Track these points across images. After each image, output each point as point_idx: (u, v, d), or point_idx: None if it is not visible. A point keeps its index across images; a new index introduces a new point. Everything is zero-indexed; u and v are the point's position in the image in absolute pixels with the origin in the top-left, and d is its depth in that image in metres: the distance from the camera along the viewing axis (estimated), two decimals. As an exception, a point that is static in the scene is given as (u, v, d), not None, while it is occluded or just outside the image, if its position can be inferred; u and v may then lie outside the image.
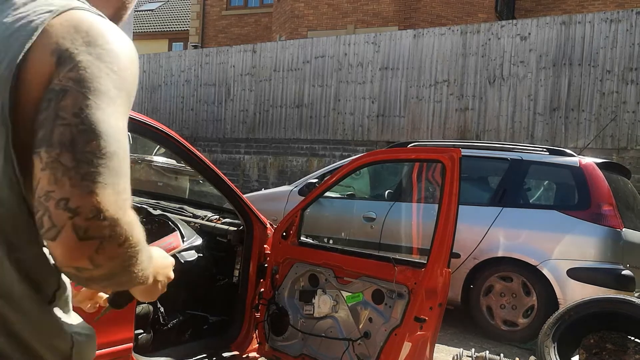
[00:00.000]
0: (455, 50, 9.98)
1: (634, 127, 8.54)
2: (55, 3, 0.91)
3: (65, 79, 0.84)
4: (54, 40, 0.86)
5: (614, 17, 8.85)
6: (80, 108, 0.83)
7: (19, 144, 0.85)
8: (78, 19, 0.89)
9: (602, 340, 3.66)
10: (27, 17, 0.89)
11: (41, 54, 0.86)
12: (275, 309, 3.12)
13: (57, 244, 0.80)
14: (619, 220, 4.66)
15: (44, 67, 0.85)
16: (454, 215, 2.64)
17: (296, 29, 15.60)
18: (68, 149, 0.81)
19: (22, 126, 0.85)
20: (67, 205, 0.79)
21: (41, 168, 0.81)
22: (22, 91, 0.85)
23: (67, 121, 0.82)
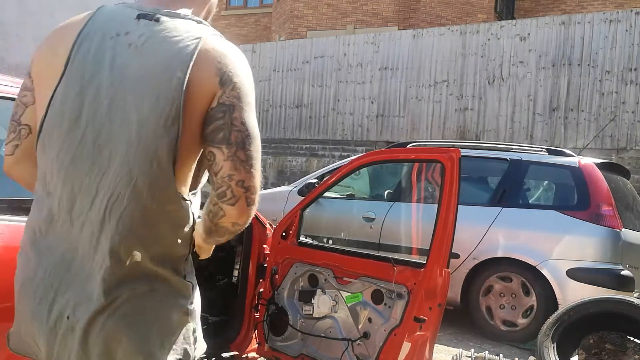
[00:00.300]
0: (455, 51, 9.99)
1: (633, 127, 8.54)
2: (196, 30, 1.26)
3: (231, 96, 1.23)
4: (214, 64, 1.22)
5: (614, 17, 8.85)
6: (244, 119, 1.24)
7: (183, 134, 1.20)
8: (222, 46, 1.26)
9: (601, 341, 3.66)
10: (182, 40, 1.23)
11: (204, 72, 1.21)
12: (274, 309, 3.12)
13: (234, 208, 1.24)
14: (619, 221, 4.66)
15: (209, 83, 1.21)
16: (453, 216, 2.64)
17: (296, 29, 15.61)
18: (241, 148, 1.24)
19: (187, 121, 1.20)
20: (243, 184, 1.24)
21: (224, 159, 1.23)
22: (187, 97, 1.20)
23: (238, 128, 1.23)
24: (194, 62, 1.20)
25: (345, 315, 2.93)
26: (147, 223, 1.23)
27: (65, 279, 1.24)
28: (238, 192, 1.24)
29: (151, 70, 1.22)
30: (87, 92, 1.23)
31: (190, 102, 1.21)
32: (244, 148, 1.24)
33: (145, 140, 1.19)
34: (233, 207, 1.25)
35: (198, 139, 1.24)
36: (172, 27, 1.25)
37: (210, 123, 1.23)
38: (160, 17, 1.27)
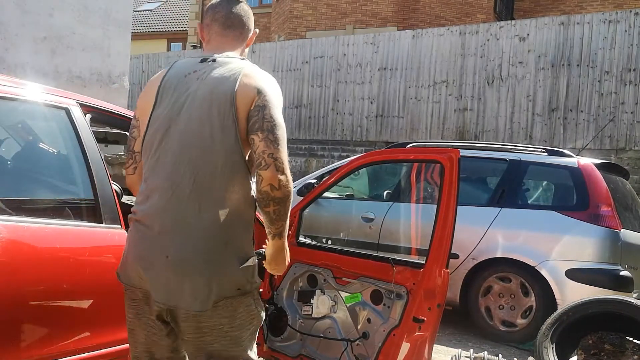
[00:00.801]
0: (454, 51, 9.99)
1: (632, 127, 8.55)
2: (239, 64, 1.88)
3: (263, 100, 1.80)
4: (254, 83, 1.82)
5: (613, 18, 8.86)
6: (272, 114, 1.79)
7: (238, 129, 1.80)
8: (256, 72, 1.87)
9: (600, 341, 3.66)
10: (230, 71, 1.85)
11: (245, 89, 1.81)
12: (273, 309, 3.11)
13: (267, 172, 1.73)
14: (618, 221, 4.66)
15: (249, 95, 1.80)
16: (452, 216, 2.64)
17: (295, 29, 15.60)
18: (271, 132, 1.77)
19: (239, 121, 1.80)
20: (272, 156, 1.74)
21: (259, 140, 1.75)
22: (236, 105, 1.79)
23: (268, 120, 1.78)
24: (238, 83, 1.81)
25: (345, 315, 2.93)
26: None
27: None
28: (269, 161, 1.74)
29: (213, 91, 1.83)
30: (173, 112, 1.85)
31: (239, 108, 1.80)
32: (272, 132, 1.77)
33: (215, 138, 1.79)
34: (266, 171, 1.74)
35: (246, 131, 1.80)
36: (223, 63, 1.89)
37: (251, 119, 1.79)
38: (215, 58, 1.91)
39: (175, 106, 1.84)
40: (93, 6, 7.77)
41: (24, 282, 1.98)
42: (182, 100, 1.85)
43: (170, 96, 1.87)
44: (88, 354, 2.18)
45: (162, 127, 1.84)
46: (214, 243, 1.76)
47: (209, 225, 1.75)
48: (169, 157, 1.81)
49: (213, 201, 1.77)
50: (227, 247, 1.78)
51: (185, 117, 1.82)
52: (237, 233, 1.81)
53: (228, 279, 1.78)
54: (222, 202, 1.77)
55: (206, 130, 1.79)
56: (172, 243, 1.74)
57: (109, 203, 2.35)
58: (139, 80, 13.83)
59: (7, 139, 2.71)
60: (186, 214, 1.75)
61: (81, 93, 2.90)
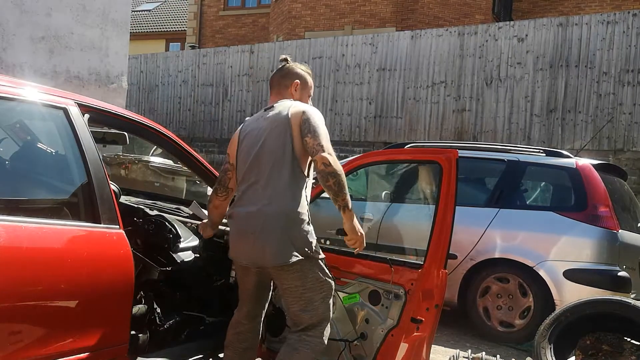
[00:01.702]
0: (453, 52, 10.00)
1: (630, 128, 8.56)
2: (289, 102, 2.77)
3: (307, 115, 2.65)
4: (301, 112, 2.67)
5: (611, 18, 8.87)
6: (314, 124, 2.63)
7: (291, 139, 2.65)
8: (302, 106, 2.74)
9: (598, 342, 3.66)
10: (284, 107, 2.73)
11: (296, 116, 2.65)
12: (271, 309, 3.11)
13: (318, 156, 2.53)
14: (616, 222, 4.66)
15: (298, 114, 2.65)
16: (450, 216, 2.65)
17: (293, 29, 15.60)
18: (315, 132, 2.60)
19: (294, 136, 2.64)
20: (319, 144, 2.56)
21: (309, 139, 2.58)
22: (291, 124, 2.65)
23: (312, 127, 2.61)
24: (290, 111, 2.66)
25: (343, 316, 2.93)
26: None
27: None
28: (318, 148, 2.54)
29: (272, 123, 2.69)
30: (250, 145, 2.73)
31: (293, 126, 2.63)
32: (316, 132, 2.58)
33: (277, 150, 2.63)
34: (317, 155, 2.53)
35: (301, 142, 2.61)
36: (278, 106, 2.75)
37: (302, 130, 2.61)
38: (274, 105, 2.78)
39: (254, 138, 2.71)
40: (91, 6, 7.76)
41: (21, 282, 1.98)
42: (256, 132, 2.72)
43: (249, 134, 2.76)
44: (85, 354, 2.17)
45: (244, 158, 2.72)
46: (280, 222, 2.54)
47: (275, 210, 2.55)
48: (252, 169, 2.67)
49: (277, 194, 2.57)
50: (289, 225, 2.54)
51: (261, 141, 2.66)
52: (296, 215, 2.56)
53: (293, 243, 2.53)
54: (283, 195, 2.57)
55: (275, 148, 2.62)
56: (255, 223, 2.57)
57: (107, 203, 2.35)
58: (138, 80, 13.82)
59: (5, 139, 2.70)
60: (261, 203, 2.58)
61: (79, 93, 2.90)
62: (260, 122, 2.74)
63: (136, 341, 2.59)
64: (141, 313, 2.78)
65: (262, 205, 2.57)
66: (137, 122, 2.79)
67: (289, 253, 2.52)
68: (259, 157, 2.65)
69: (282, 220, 2.54)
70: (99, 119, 2.61)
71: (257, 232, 2.55)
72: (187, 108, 13.24)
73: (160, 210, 3.40)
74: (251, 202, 2.61)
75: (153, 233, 2.97)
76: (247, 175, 2.68)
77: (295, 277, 2.56)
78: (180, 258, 2.95)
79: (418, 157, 3.35)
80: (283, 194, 2.56)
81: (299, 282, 2.56)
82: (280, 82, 2.87)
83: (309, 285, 2.57)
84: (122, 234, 2.38)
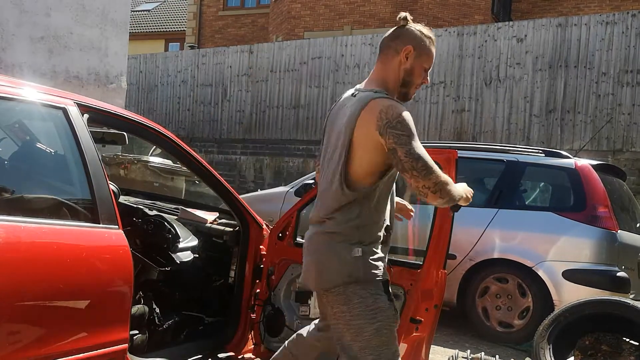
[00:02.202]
0: (452, 52, 10.00)
1: (629, 129, 8.56)
2: (369, 96, 2.16)
3: (384, 126, 2.08)
4: (375, 110, 2.11)
5: (610, 19, 8.88)
6: (396, 132, 2.08)
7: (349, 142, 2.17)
8: (381, 103, 2.13)
9: (597, 342, 3.67)
10: (360, 100, 2.17)
11: (365, 114, 2.13)
12: (271, 309, 3.11)
13: (412, 178, 2.05)
14: (615, 222, 4.66)
15: (368, 121, 2.12)
16: (450, 217, 2.65)
17: (293, 29, 15.60)
18: (404, 144, 2.06)
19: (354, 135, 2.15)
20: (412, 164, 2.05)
21: (397, 151, 2.07)
22: (357, 125, 2.14)
23: (399, 134, 2.07)
24: (362, 111, 2.14)
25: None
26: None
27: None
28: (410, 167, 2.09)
29: (344, 118, 2.21)
30: (328, 140, 2.32)
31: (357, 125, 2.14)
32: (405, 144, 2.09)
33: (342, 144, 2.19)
34: (412, 179, 2.09)
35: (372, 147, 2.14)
36: (357, 99, 2.21)
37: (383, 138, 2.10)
38: (357, 94, 2.24)
39: (331, 131, 2.31)
40: (90, 6, 7.76)
41: (20, 282, 1.98)
42: (334, 126, 2.30)
43: (328, 132, 2.36)
44: (84, 354, 2.17)
45: (325, 145, 2.34)
46: (325, 238, 2.21)
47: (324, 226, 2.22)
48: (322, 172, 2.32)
49: (326, 208, 2.21)
50: (334, 243, 2.18)
51: (333, 138, 2.27)
52: (345, 232, 2.17)
53: (335, 266, 2.17)
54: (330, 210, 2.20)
55: (339, 141, 2.20)
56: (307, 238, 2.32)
57: (106, 203, 2.35)
58: (137, 81, 13.82)
59: (4, 139, 2.70)
60: (315, 219, 2.28)
61: (79, 93, 2.90)
62: (339, 112, 2.28)
63: (135, 341, 2.59)
64: (140, 313, 2.78)
65: (314, 222, 2.31)
66: (137, 122, 2.79)
67: (330, 277, 2.19)
68: (330, 149, 2.27)
69: (326, 238, 2.22)
70: (98, 119, 2.61)
71: (305, 248, 2.32)
72: (187, 108, 13.23)
73: (160, 210, 3.41)
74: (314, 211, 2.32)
75: (152, 233, 2.97)
76: (320, 177, 2.35)
77: (339, 302, 2.19)
78: (179, 258, 2.96)
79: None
80: (329, 210, 2.22)
81: (344, 307, 2.18)
82: (389, 44, 2.29)
83: (357, 312, 2.16)
84: (121, 234, 2.37)
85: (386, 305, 2.19)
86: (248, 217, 3.20)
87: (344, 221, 2.18)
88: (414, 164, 2.05)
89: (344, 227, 2.17)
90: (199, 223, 3.38)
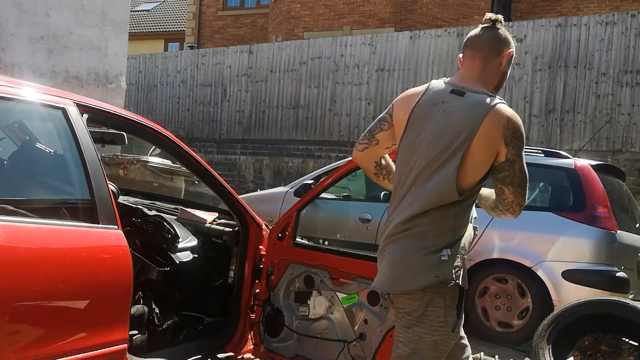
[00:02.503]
0: (452, 52, 10.00)
1: (628, 129, 8.57)
2: (488, 99, 2.09)
3: (510, 135, 2.07)
4: (503, 118, 2.06)
5: (609, 19, 8.88)
6: (519, 144, 2.09)
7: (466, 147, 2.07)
8: (506, 111, 2.08)
9: (596, 342, 3.67)
10: (479, 103, 2.08)
11: (491, 121, 2.05)
12: (270, 310, 3.11)
13: (514, 194, 2.14)
14: (614, 222, 4.67)
15: (494, 127, 2.05)
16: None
17: (292, 29, 15.61)
18: (522, 157, 2.12)
19: (473, 139, 2.06)
20: (523, 180, 2.15)
21: (515, 163, 2.11)
22: (479, 128, 2.05)
23: (520, 146, 2.10)
24: (487, 117, 2.05)
25: (341, 316, 2.92)
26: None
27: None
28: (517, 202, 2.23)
29: (456, 118, 2.08)
30: (418, 137, 2.14)
31: (478, 132, 2.05)
32: (520, 157, 2.15)
33: (457, 145, 2.07)
34: (513, 193, 2.20)
35: (489, 154, 2.09)
36: (473, 100, 2.09)
37: (509, 147, 2.09)
38: (465, 92, 2.11)
39: (421, 133, 2.14)
40: (90, 6, 7.76)
41: (19, 282, 1.98)
42: (426, 129, 2.13)
43: (418, 122, 2.16)
44: (84, 355, 2.17)
45: (410, 148, 2.17)
46: (414, 238, 2.11)
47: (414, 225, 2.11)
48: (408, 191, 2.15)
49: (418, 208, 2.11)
50: (424, 242, 2.09)
51: (424, 144, 2.12)
52: (438, 233, 2.09)
53: (421, 269, 2.07)
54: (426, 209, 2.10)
55: (435, 157, 2.10)
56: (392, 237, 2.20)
57: (105, 203, 2.35)
58: (136, 81, 13.81)
59: (3, 139, 2.70)
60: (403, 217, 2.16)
61: (78, 93, 2.90)
62: (437, 112, 2.14)
63: (135, 341, 2.59)
64: (140, 313, 2.78)
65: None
66: (136, 122, 2.79)
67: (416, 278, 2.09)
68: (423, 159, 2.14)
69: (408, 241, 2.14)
70: (97, 119, 2.60)
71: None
72: (186, 108, 13.23)
73: (159, 210, 3.40)
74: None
75: (151, 233, 2.97)
76: (402, 174, 2.22)
77: (405, 301, 2.13)
78: (178, 258, 2.95)
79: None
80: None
81: (408, 308, 2.12)
82: (491, 44, 2.20)
83: (427, 321, 2.10)
84: (121, 234, 2.37)
85: (450, 319, 2.13)
86: (247, 217, 3.20)
87: (439, 220, 2.09)
88: (524, 181, 2.12)
89: (439, 227, 2.09)
90: (198, 223, 3.37)
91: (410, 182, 2.15)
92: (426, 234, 2.09)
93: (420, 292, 2.08)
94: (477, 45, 2.21)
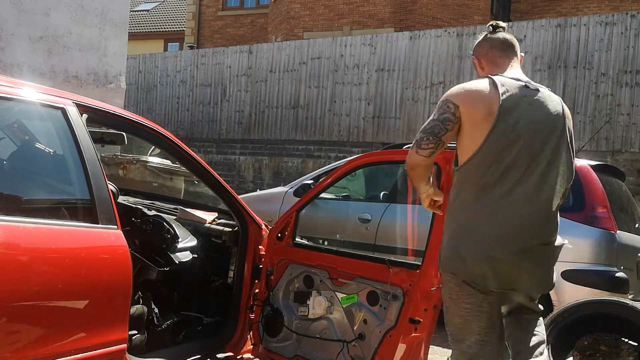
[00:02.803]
0: (451, 52, 10.00)
1: (628, 129, 8.57)
2: (556, 96, 2.45)
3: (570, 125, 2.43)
4: (568, 113, 2.42)
5: (609, 20, 8.88)
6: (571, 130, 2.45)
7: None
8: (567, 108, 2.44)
9: (595, 342, 3.67)
10: (557, 103, 2.41)
11: (568, 112, 2.40)
12: (269, 310, 3.11)
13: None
14: (613, 223, 4.66)
15: (569, 118, 2.42)
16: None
17: (292, 30, 15.61)
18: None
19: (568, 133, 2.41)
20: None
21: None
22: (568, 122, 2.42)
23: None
24: (563, 111, 2.39)
25: (341, 316, 2.93)
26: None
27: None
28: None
29: (541, 118, 2.32)
30: (509, 132, 2.26)
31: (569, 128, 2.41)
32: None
33: (566, 144, 2.40)
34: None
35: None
36: (547, 95, 2.39)
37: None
38: (538, 88, 2.38)
39: (513, 129, 2.26)
40: (89, 6, 7.76)
41: (19, 282, 1.98)
42: (520, 123, 2.27)
43: (508, 119, 2.27)
44: (83, 355, 2.17)
45: (501, 144, 2.26)
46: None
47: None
48: (522, 174, 2.30)
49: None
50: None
51: (521, 139, 2.27)
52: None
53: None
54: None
55: (536, 150, 2.29)
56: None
57: (105, 203, 2.35)
58: (136, 81, 13.81)
59: (3, 139, 2.70)
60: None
61: (77, 93, 2.90)
62: (523, 105, 2.31)
63: (134, 341, 2.59)
64: (139, 313, 2.78)
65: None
66: (136, 122, 2.79)
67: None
68: (526, 153, 2.32)
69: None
70: (97, 119, 2.61)
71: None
72: (186, 108, 13.23)
73: (158, 210, 3.41)
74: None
75: (151, 233, 2.98)
76: (502, 168, 2.32)
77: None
78: (178, 258, 2.96)
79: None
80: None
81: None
82: (514, 48, 2.53)
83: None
84: (120, 234, 2.37)
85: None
86: (247, 217, 3.20)
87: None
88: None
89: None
90: (197, 223, 3.38)
91: (524, 167, 2.29)
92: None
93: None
94: (504, 47, 2.50)
